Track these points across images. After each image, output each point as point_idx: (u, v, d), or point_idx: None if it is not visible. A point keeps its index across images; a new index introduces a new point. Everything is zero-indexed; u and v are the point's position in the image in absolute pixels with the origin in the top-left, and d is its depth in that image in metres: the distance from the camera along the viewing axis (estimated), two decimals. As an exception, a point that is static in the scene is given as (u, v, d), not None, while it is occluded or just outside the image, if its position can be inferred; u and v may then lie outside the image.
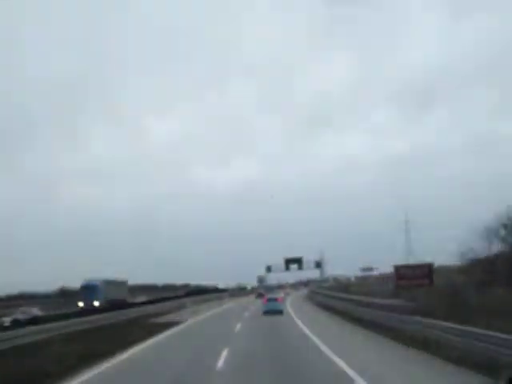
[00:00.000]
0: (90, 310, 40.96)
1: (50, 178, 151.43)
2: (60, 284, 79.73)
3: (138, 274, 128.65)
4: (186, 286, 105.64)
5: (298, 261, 79.94)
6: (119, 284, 51.29)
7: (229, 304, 60.91)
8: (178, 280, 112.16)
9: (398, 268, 34.31)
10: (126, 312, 40.04)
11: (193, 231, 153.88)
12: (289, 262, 79.05)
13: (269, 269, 77.31)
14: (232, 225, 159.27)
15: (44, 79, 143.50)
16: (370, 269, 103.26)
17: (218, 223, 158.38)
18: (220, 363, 12.90)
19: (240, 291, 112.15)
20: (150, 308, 47.78)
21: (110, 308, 41.21)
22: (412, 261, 73.39)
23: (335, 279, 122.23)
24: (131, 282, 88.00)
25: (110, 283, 48.00)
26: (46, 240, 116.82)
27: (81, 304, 45.14)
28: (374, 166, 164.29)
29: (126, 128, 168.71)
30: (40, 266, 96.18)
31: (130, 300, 56.29)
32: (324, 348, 15.19)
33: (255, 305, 49.77)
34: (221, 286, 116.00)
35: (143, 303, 54.73)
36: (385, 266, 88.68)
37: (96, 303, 44.70)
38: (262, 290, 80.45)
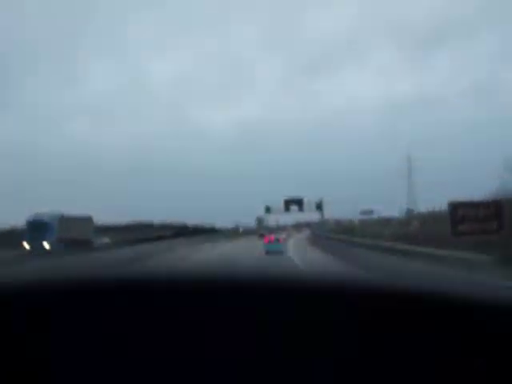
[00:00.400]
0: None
1: (47, 113, 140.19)
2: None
3: (133, 212, 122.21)
4: (183, 226, 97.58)
5: (298, 202, 71.96)
6: (80, 221, 41.31)
7: (225, 246, 53.03)
8: (175, 219, 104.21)
9: (455, 206, 24.09)
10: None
11: (191, 171, 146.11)
12: (288, 202, 71.12)
13: (268, 209, 69.47)
14: (231, 165, 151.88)
15: (42, 14, 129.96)
16: (370, 212, 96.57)
17: (217, 163, 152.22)
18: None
19: (233, 233, 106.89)
20: (121, 252, 38.49)
21: (63, 251, 31.77)
22: (414, 207, 64.77)
23: (337, 222, 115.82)
24: (124, 219, 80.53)
25: (66, 220, 38.04)
26: (40, 176, 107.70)
27: (26, 245, 35.67)
28: (376, 108, 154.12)
29: (124, 65, 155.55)
30: (34, 202, 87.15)
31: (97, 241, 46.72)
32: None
33: (259, 248, 40.87)
34: (218, 226, 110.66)
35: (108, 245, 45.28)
36: (385, 210, 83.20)
37: (46, 244, 35.25)
38: (265, 231, 75.20)
